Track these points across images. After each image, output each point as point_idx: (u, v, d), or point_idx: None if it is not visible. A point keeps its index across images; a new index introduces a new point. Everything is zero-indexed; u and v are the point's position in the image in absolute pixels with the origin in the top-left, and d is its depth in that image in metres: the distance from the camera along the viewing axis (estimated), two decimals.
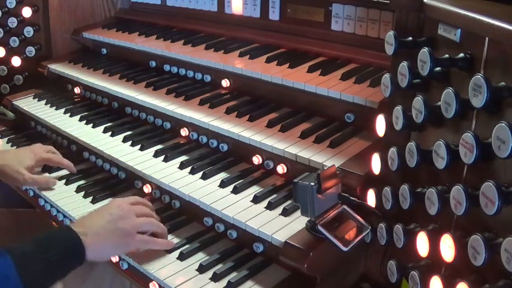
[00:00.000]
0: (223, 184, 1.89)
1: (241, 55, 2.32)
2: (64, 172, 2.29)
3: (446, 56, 1.26)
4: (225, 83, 2.33)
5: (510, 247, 1.00)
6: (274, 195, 1.81)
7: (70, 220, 2.04)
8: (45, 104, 2.72)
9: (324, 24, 2.26)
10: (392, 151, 1.41)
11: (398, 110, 1.37)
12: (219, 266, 1.70)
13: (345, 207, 1.58)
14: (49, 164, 2.26)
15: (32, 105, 2.72)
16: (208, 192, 1.86)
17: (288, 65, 2.14)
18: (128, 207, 1.72)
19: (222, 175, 1.96)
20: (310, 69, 2.07)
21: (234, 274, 1.66)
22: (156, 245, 1.76)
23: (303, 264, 1.50)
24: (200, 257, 1.75)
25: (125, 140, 2.27)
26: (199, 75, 2.41)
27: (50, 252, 1.48)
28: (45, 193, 2.17)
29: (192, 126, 2.17)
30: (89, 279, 2.06)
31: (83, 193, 2.14)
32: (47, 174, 2.29)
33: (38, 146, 2.27)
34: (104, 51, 2.94)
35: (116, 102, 2.55)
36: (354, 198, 1.58)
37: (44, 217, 2.26)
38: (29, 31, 2.87)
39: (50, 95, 2.81)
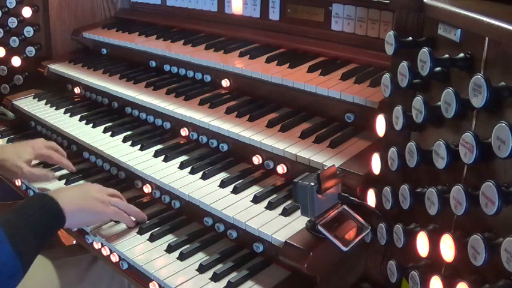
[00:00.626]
0: (223, 184, 1.89)
1: (241, 55, 2.32)
2: (64, 172, 2.28)
3: (446, 56, 1.25)
4: (225, 83, 2.33)
5: (510, 247, 1.00)
6: (274, 195, 1.81)
7: None
8: (45, 104, 2.72)
9: (324, 24, 2.26)
10: (392, 151, 1.41)
11: (398, 110, 1.37)
12: (219, 266, 1.70)
13: (345, 207, 1.58)
14: (48, 161, 2.26)
15: (32, 105, 2.72)
16: (208, 192, 1.86)
17: (288, 65, 2.14)
18: (99, 186, 1.88)
19: (222, 175, 1.96)
20: (310, 69, 2.07)
21: (234, 274, 1.66)
22: (125, 219, 1.88)
23: (303, 264, 1.51)
24: (200, 257, 1.75)
25: (124, 140, 2.27)
26: (199, 75, 2.41)
27: (31, 218, 1.57)
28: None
29: (192, 126, 2.17)
30: (86, 279, 2.06)
31: None
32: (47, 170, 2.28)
33: (40, 140, 2.26)
34: (104, 51, 2.94)
35: (116, 102, 2.55)
36: (354, 198, 1.58)
37: None
38: (29, 31, 2.87)
39: (50, 95, 2.81)
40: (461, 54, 1.22)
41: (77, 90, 2.79)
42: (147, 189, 2.08)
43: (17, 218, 1.55)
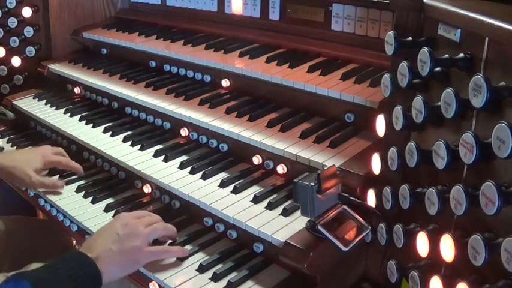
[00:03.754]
0: (223, 184, 1.89)
1: (241, 55, 2.32)
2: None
3: (446, 56, 1.25)
4: (225, 83, 2.33)
5: (510, 247, 1.00)
6: (274, 195, 1.81)
7: (71, 221, 2.04)
8: (45, 104, 2.72)
9: (324, 24, 2.26)
10: (392, 151, 1.41)
11: (398, 110, 1.37)
12: (219, 266, 1.70)
13: (345, 207, 1.58)
14: (58, 166, 2.25)
15: (32, 105, 2.72)
16: (208, 192, 1.86)
17: (288, 65, 2.14)
18: (133, 221, 1.68)
19: (222, 175, 1.96)
20: (310, 69, 2.07)
21: (234, 274, 1.66)
22: (169, 254, 1.73)
23: (303, 264, 1.51)
24: (200, 257, 1.75)
25: (125, 140, 2.27)
26: (199, 75, 2.41)
27: (67, 280, 1.44)
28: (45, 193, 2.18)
29: (192, 126, 2.17)
30: None
31: (83, 193, 2.14)
32: (56, 177, 2.26)
33: (47, 148, 2.25)
34: (104, 51, 2.94)
35: (116, 102, 2.55)
36: (354, 198, 1.58)
37: (55, 225, 2.27)
38: (29, 31, 2.87)
39: (50, 95, 2.81)
40: (461, 54, 1.22)
41: (77, 90, 2.79)
42: (147, 189, 2.08)
43: (50, 277, 1.43)
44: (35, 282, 1.38)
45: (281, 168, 1.89)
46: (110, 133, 2.34)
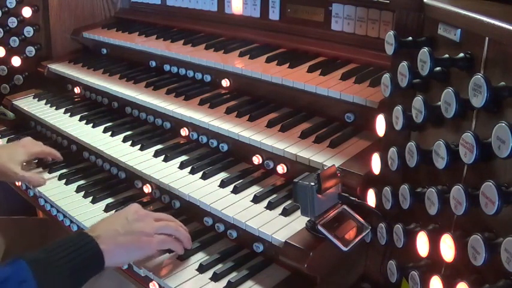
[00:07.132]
0: (223, 184, 1.89)
1: (241, 55, 2.32)
2: (64, 171, 2.29)
3: (446, 56, 1.26)
4: (225, 83, 2.33)
5: (510, 247, 1.00)
6: (274, 195, 1.81)
7: (71, 220, 2.04)
8: (45, 104, 2.72)
9: (324, 24, 2.26)
10: (393, 151, 1.41)
11: (398, 110, 1.37)
12: (219, 266, 1.70)
13: (345, 207, 1.58)
14: (41, 156, 2.30)
15: (32, 105, 2.73)
16: (208, 192, 1.86)
17: (287, 65, 2.14)
18: (144, 212, 1.67)
19: (222, 175, 1.96)
20: (310, 69, 2.07)
21: (234, 274, 1.66)
22: (174, 246, 1.69)
23: (303, 264, 1.51)
24: (200, 257, 1.75)
25: (125, 140, 2.27)
26: (199, 75, 2.41)
27: (65, 258, 1.42)
28: (45, 193, 2.17)
29: (192, 126, 2.17)
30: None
31: (83, 193, 2.15)
32: (46, 174, 2.30)
33: (27, 139, 2.28)
34: (104, 51, 2.94)
35: (116, 102, 2.55)
36: (354, 198, 1.58)
37: (51, 223, 2.27)
38: (29, 31, 2.87)
39: (50, 95, 2.81)
40: (461, 54, 1.22)
41: (77, 90, 2.79)
42: (147, 189, 2.08)
43: (48, 257, 1.40)
44: (32, 263, 1.36)
45: (281, 168, 1.89)
46: (110, 133, 2.34)
